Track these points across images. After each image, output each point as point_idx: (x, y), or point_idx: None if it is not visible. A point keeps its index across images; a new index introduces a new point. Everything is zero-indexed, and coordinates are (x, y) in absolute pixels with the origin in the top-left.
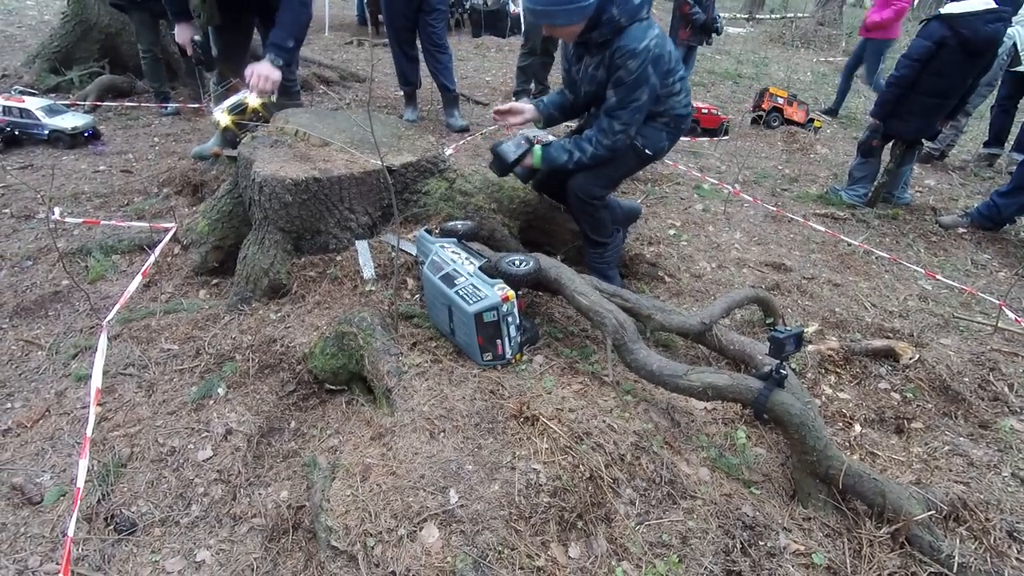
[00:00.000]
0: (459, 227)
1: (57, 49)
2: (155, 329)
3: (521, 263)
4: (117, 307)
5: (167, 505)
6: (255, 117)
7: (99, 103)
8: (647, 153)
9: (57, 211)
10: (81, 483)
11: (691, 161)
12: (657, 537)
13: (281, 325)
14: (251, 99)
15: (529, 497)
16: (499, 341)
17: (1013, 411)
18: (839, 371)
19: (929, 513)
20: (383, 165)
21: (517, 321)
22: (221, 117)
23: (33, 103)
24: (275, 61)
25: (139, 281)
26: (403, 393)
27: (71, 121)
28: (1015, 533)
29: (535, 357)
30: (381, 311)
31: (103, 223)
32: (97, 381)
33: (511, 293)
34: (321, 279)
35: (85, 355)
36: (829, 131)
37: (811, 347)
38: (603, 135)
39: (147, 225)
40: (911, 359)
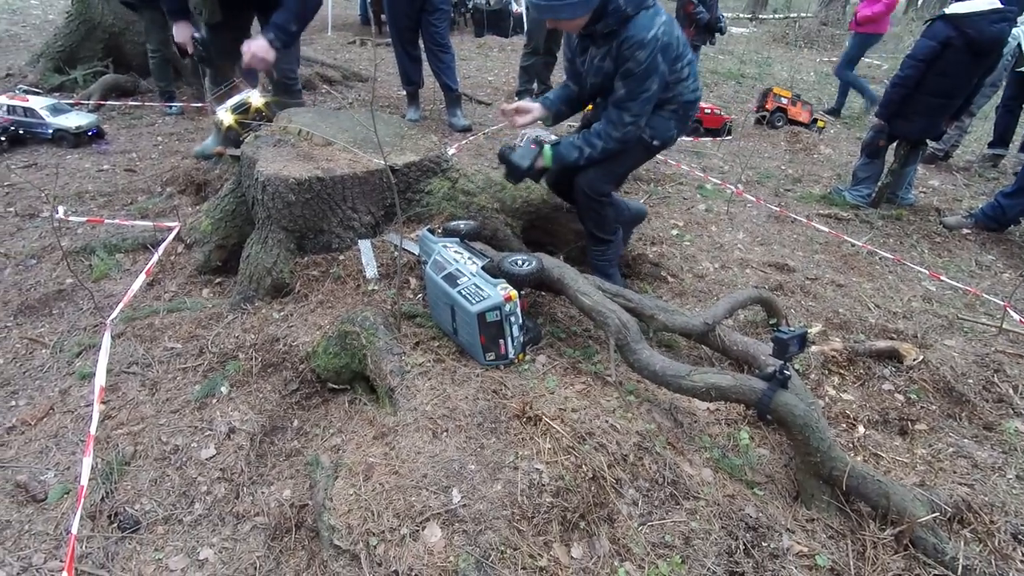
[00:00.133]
0: (462, 227)
1: (61, 48)
2: (158, 328)
3: (524, 263)
4: (121, 306)
5: (170, 503)
6: (258, 116)
7: (103, 102)
8: (655, 144)
9: (61, 210)
10: (85, 481)
11: (694, 161)
12: (660, 538)
13: (284, 324)
14: (254, 98)
15: (532, 497)
16: (502, 341)
17: (1018, 413)
18: (843, 372)
19: (933, 515)
20: (386, 165)
21: (520, 321)
22: (224, 116)
23: (37, 102)
24: (273, 42)
25: (143, 280)
26: (406, 392)
27: (75, 120)
28: (1020, 535)
29: (538, 357)
30: (384, 310)
31: (107, 222)
32: (101, 379)
33: (514, 293)
34: (324, 278)
35: (89, 353)
36: (832, 131)
37: (814, 348)
38: (613, 128)
39: (151, 224)
40: (915, 360)
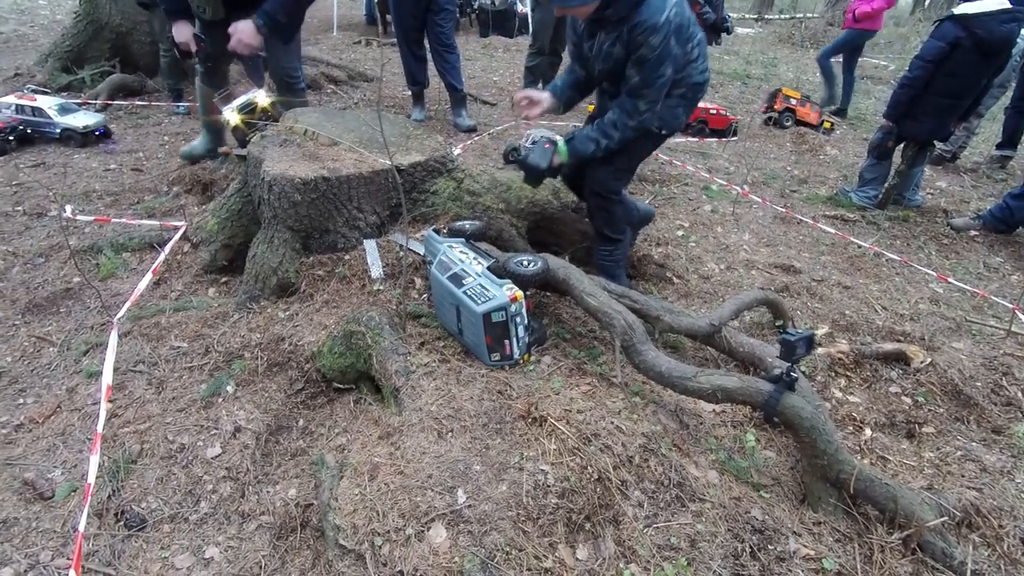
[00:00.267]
0: (467, 227)
1: (69, 48)
2: (165, 327)
3: (529, 263)
4: (128, 304)
5: (176, 502)
6: (264, 116)
7: (110, 102)
8: (663, 133)
9: (69, 209)
10: (92, 479)
11: (699, 162)
12: (665, 540)
13: (289, 324)
14: (260, 98)
15: (537, 498)
16: (507, 341)
17: None
18: (849, 374)
19: (942, 519)
20: (392, 165)
21: (525, 321)
22: (231, 116)
23: (45, 102)
24: (260, 28)
25: (149, 279)
26: (411, 392)
27: (83, 120)
28: None
29: (543, 358)
30: (389, 310)
31: (114, 221)
32: (108, 378)
33: (519, 293)
34: (329, 278)
35: (96, 352)
36: (839, 132)
37: (821, 350)
38: (628, 116)
39: (157, 223)
40: (922, 363)
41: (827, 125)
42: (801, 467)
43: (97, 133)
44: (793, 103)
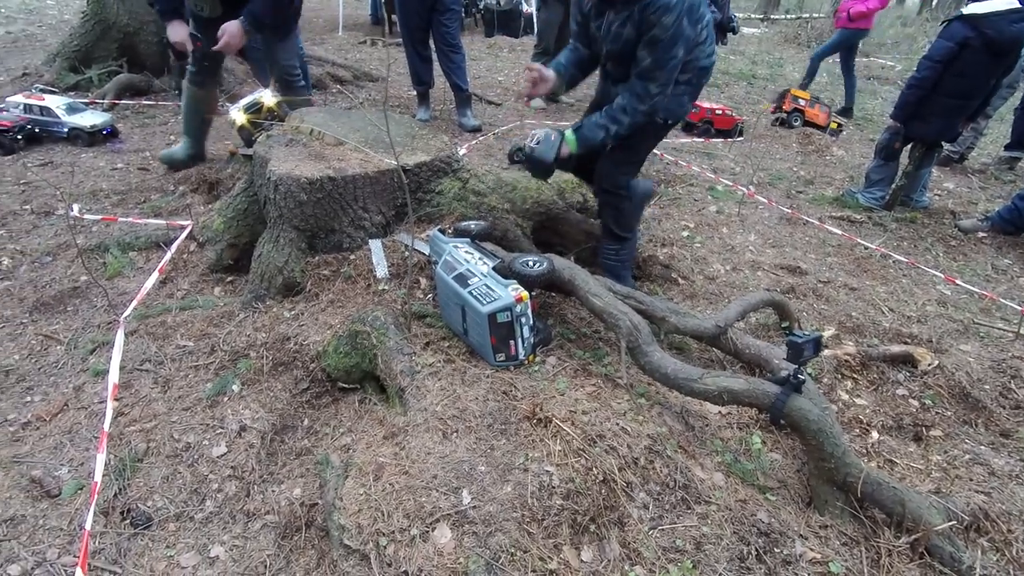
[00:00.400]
0: (472, 227)
1: (77, 48)
2: (171, 326)
3: (535, 264)
4: (134, 303)
5: (182, 500)
6: (270, 116)
7: (117, 101)
8: (668, 123)
9: (76, 208)
10: (98, 477)
11: (705, 162)
12: (671, 542)
13: (295, 323)
14: (266, 98)
15: (542, 499)
16: (512, 342)
17: None
18: (856, 377)
19: (950, 523)
20: (398, 165)
21: (530, 322)
22: (237, 116)
23: (53, 101)
24: (247, 29)
25: (156, 278)
26: (416, 393)
27: (90, 119)
28: None
29: (548, 358)
30: (394, 310)
31: (121, 220)
32: (114, 376)
33: (525, 294)
34: (335, 278)
35: (102, 350)
36: (845, 132)
37: (827, 352)
38: (638, 100)
39: (164, 222)
40: (930, 365)
41: (833, 125)
42: (807, 470)
43: (104, 132)
44: (802, 104)
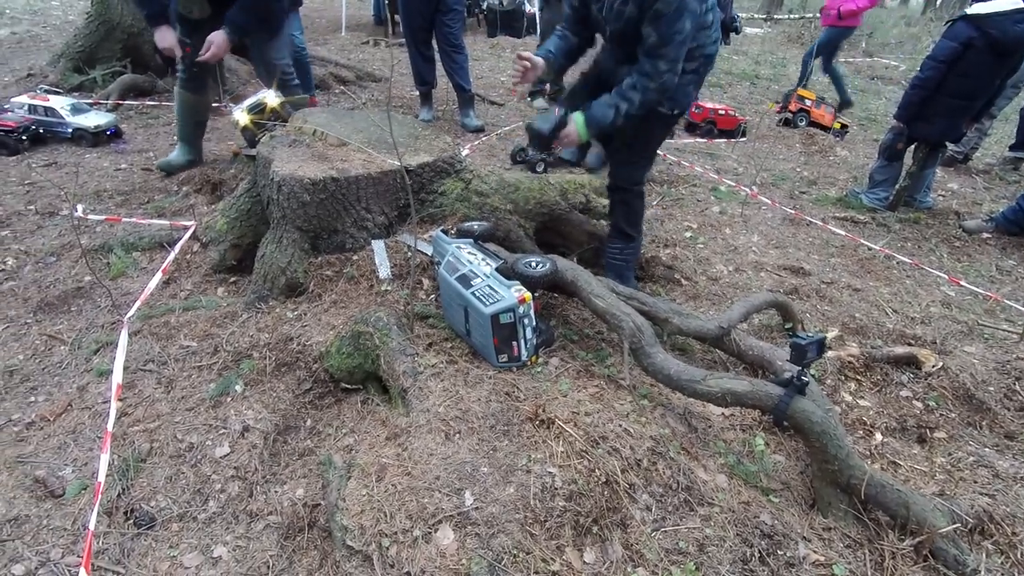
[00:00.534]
0: (475, 228)
1: (81, 49)
2: (174, 326)
3: (538, 264)
4: (138, 304)
5: (185, 501)
6: (273, 117)
7: (121, 102)
8: (675, 114)
9: (80, 208)
10: (102, 477)
11: (708, 163)
12: (673, 544)
13: (298, 324)
14: (270, 99)
15: (544, 501)
16: (515, 343)
17: None
18: (859, 378)
19: (954, 526)
20: (401, 165)
21: (533, 323)
22: (240, 116)
23: (58, 102)
24: (231, 37)
25: (159, 278)
26: (418, 393)
27: (94, 119)
28: None
29: (551, 359)
30: (397, 311)
31: (125, 220)
32: (118, 376)
33: (528, 295)
34: (338, 278)
35: (106, 350)
36: (849, 133)
37: (831, 353)
38: (648, 79)
39: (167, 223)
40: (934, 367)
41: (837, 126)
42: (811, 472)
43: (108, 133)
44: (808, 104)
